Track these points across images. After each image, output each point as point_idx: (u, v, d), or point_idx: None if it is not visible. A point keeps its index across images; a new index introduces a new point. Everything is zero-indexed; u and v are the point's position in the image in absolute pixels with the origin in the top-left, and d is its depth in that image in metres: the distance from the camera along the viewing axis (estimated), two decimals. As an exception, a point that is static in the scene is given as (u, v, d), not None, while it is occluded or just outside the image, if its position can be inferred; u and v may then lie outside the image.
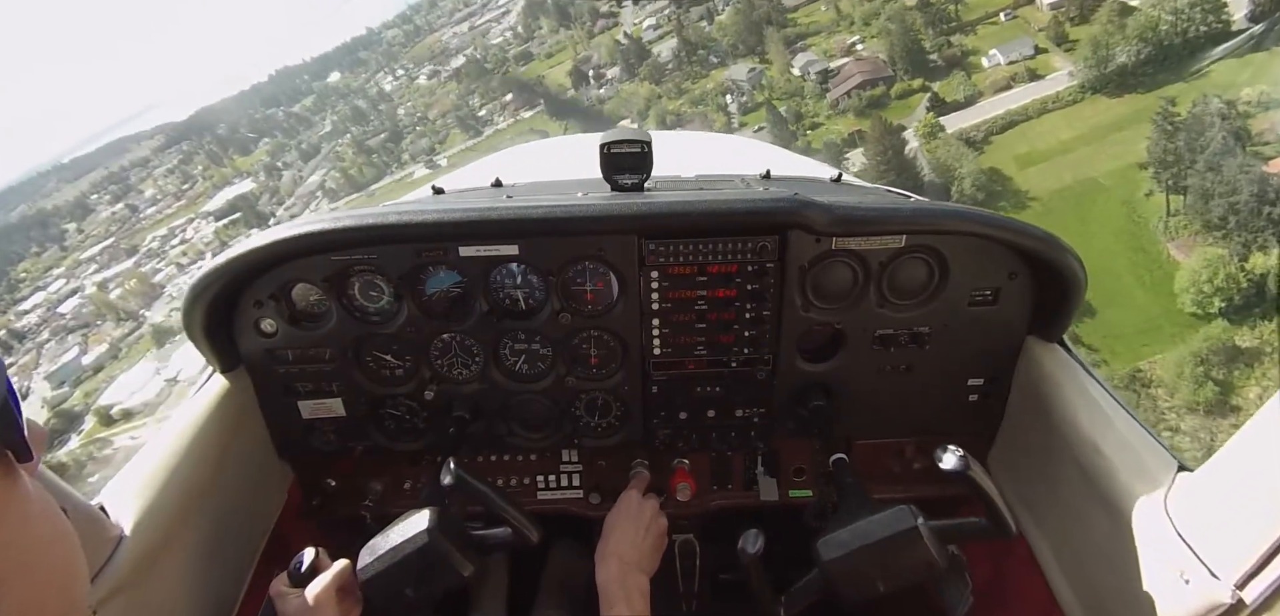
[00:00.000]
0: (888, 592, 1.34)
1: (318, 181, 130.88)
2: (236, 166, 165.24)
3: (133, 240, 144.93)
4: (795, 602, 1.41)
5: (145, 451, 1.57)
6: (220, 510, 1.68)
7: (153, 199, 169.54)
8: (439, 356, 1.84)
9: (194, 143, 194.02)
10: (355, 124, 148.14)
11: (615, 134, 1.71)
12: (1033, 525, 1.75)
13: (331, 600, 1.43)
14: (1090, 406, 1.53)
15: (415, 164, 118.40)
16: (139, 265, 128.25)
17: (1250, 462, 1.08)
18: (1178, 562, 1.18)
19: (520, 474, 2.10)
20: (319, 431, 1.92)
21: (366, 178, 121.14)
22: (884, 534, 1.33)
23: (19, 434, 0.72)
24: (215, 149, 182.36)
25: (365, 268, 1.68)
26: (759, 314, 1.73)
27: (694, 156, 3.44)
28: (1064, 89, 56.73)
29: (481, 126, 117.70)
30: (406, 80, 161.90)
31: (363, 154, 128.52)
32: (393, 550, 1.42)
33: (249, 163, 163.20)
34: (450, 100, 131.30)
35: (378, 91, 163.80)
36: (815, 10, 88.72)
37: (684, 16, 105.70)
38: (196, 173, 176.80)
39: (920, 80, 65.81)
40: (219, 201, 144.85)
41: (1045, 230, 1.59)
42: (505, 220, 1.59)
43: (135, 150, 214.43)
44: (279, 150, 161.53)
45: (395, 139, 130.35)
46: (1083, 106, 55.02)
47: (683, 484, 1.99)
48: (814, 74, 72.71)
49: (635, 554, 1.74)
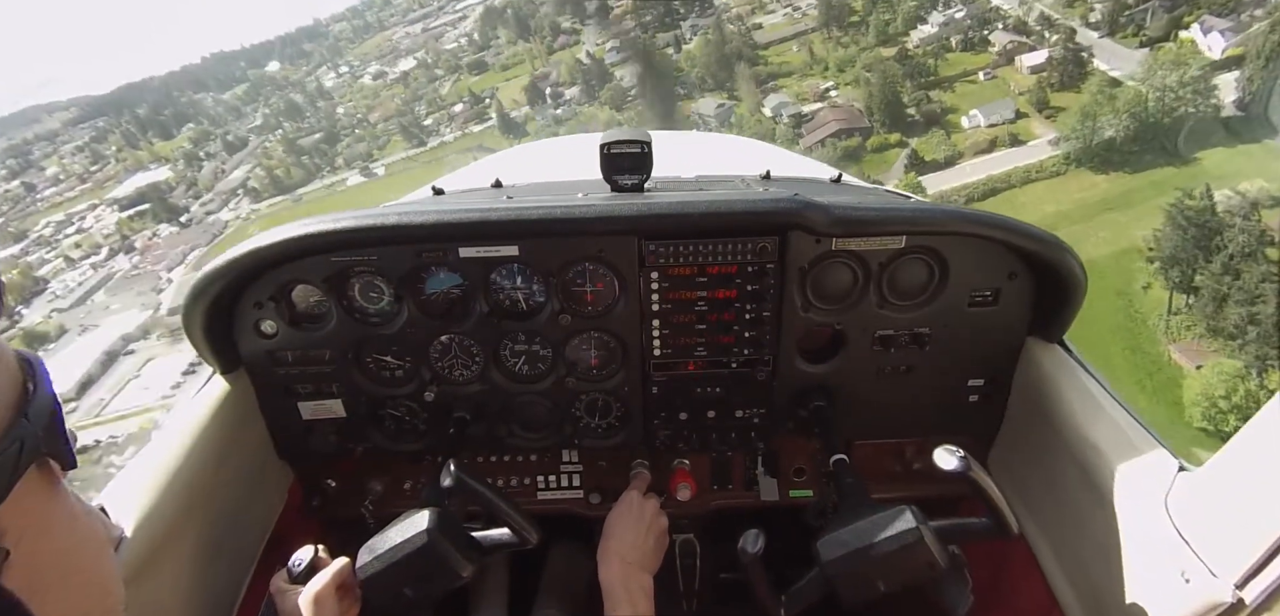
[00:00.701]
0: (888, 592, 1.35)
1: (241, 177, 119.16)
2: (154, 152, 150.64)
3: (22, 224, 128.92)
4: (795, 602, 1.42)
5: (145, 452, 1.59)
6: (220, 511, 1.69)
7: (54, 178, 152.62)
8: (439, 357, 1.83)
9: (111, 120, 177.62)
10: (289, 119, 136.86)
11: (615, 134, 1.71)
12: (1033, 525, 1.76)
13: (331, 598, 1.44)
14: (1090, 406, 1.55)
15: (350, 170, 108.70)
16: (25, 253, 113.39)
17: (1250, 462, 1.09)
18: (1178, 562, 1.18)
19: (520, 474, 2.09)
20: (319, 432, 1.92)
21: (294, 180, 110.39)
22: (885, 534, 1.33)
23: (65, 442, 0.73)
24: (133, 130, 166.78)
25: (365, 269, 1.68)
26: (759, 314, 1.73)
27: (694, 157, 3.43)
28: (1047, 158, 54.03)
29: (426, 136, 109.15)
30: (350, 78, 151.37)
31: (293, 154, 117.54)
32: (392, 549, 1.44)
33: (169, 148, 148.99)
34: (395, 105, 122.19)
35: (318, 87, 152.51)
36: (787, 50, 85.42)
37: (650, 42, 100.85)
38: (109, 154, 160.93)
39: (897, 135, 62.65)
40: (128, 188, 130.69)
41: (1045, 230, 1.61)
42: (505, 221, 1.60)
43: (46, 122, 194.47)
44: (203, 139, 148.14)
45: (330, 141, 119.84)
46: (1067, 179, 52.18)
47: (683, 484, 2.00)
48: (786, 117, 68.99)
49: (637, 553, 1.74)
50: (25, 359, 0.70)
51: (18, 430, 0.64)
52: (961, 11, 75.16)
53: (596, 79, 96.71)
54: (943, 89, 67.09)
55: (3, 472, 0.62)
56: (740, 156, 3.97)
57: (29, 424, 0.66)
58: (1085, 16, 67.23)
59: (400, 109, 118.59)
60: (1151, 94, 49.70)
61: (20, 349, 0.70)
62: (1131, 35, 63.23)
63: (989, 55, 69.13)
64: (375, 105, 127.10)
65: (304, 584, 1.45)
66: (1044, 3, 71.75)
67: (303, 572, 1.47)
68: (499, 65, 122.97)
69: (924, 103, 64.16)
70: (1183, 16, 60.56)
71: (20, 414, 0.66)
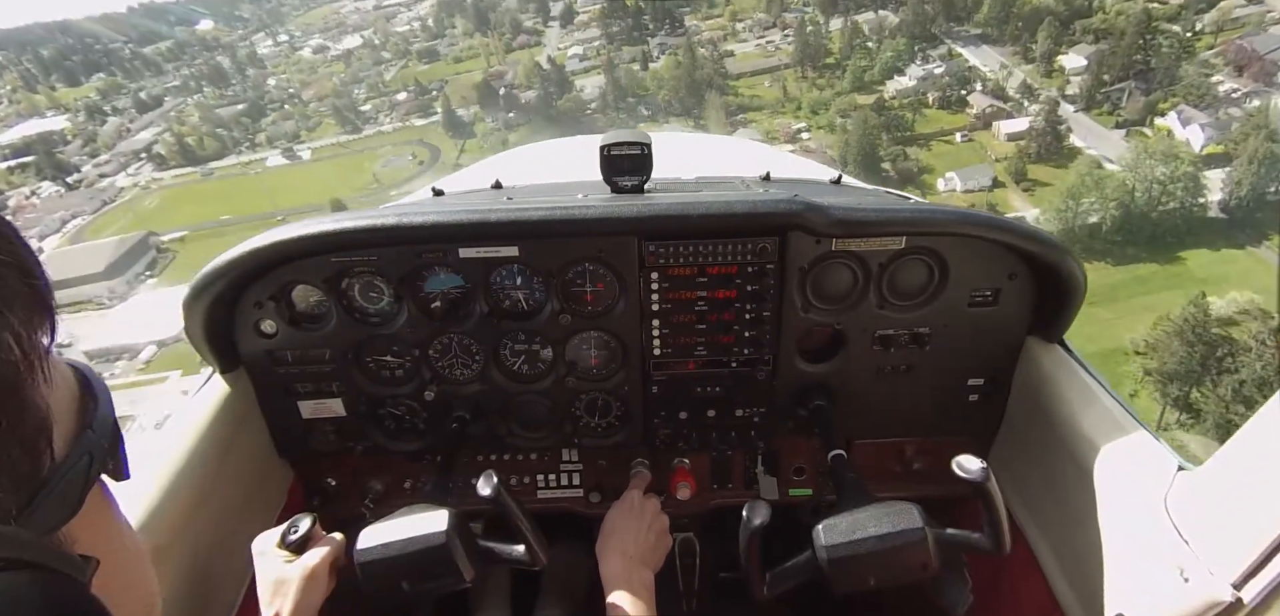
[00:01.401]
0: (877, 587, 1.35)
1: (147, 139, 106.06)
2: (53, 99, 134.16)
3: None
4: (781, 582, 1.43)
5: (145, 452, 1.60)
6: (220, 510, 1.70)
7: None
8: (439, 357, 1.84)
9: (10, 55, 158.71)
10: (212, 84, 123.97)
11: (615, 136, 1.73)
12: (1033, 524, 1.76)
13: (324, 576, 1.44)
14: (1090, 406, 1.56)
15: (272, 148, 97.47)
16: None
17: (1249, 461, 1.10)
18: (1177, 561, 1.20)
19: (520, 473, 2.10)
20: (319, 431, 1.93)
21: (207, 152, 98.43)
22: (888, 529, 1.34)
23: (123, 453, 0.72)
24: (33, 71, 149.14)
25: (365, 269, 1.69)
26: (759, 315, 1.75)
27: (694, 158, 3.44)
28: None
29: (361, 123, 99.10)
30: (288, 48, 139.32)
31: (210, 122, 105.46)
32: (404, 542, 1.42)
33: (71, 96, 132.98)
34: (331, 84, 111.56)
35: (250, 53, 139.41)
36: (759, 83, 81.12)
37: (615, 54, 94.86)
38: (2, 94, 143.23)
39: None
40: (14, 136, 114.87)
41: (1044, 231, 1.63)
42: (505, 222, 1.61)
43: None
44: (113, 92, 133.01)
45: (255, 114, 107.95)
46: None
47: (683, 483, 2.01)
48: (755, 154, 63.48)
49: (638, 549, 1.74)
50: (80, 371, 0.69)
51: (85, 441, 0.64)
52: (940, 68, 72.50)
53: (555, 86, 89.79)
54: (920, 146, 63.81)
55: (75, 485, 0.61)
56: (740, 157, 3.87)
57: (94, 435, 0.65)
58: (1062, 88, 65.40)
59: (337, 89, 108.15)
60: (1139, 185, 46.92)
61: (72, 360, 0.69)
62: (1107, 113, 61.57)
63: (966, 117, 66.46)
64: (311, 81, 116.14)
65: (297, 552, 1.44)
66: (1023, 70, 69.85)
67: (297, 541, 1.45)
68: (452, 56, 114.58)
69: (901, 159, 60.57)
70: (1158, 102, 59.13)
71: (86, 426, 0.65)
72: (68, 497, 0.60)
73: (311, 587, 1.40)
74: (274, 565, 1.42)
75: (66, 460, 0.61)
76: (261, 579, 1.43)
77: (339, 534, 1.52)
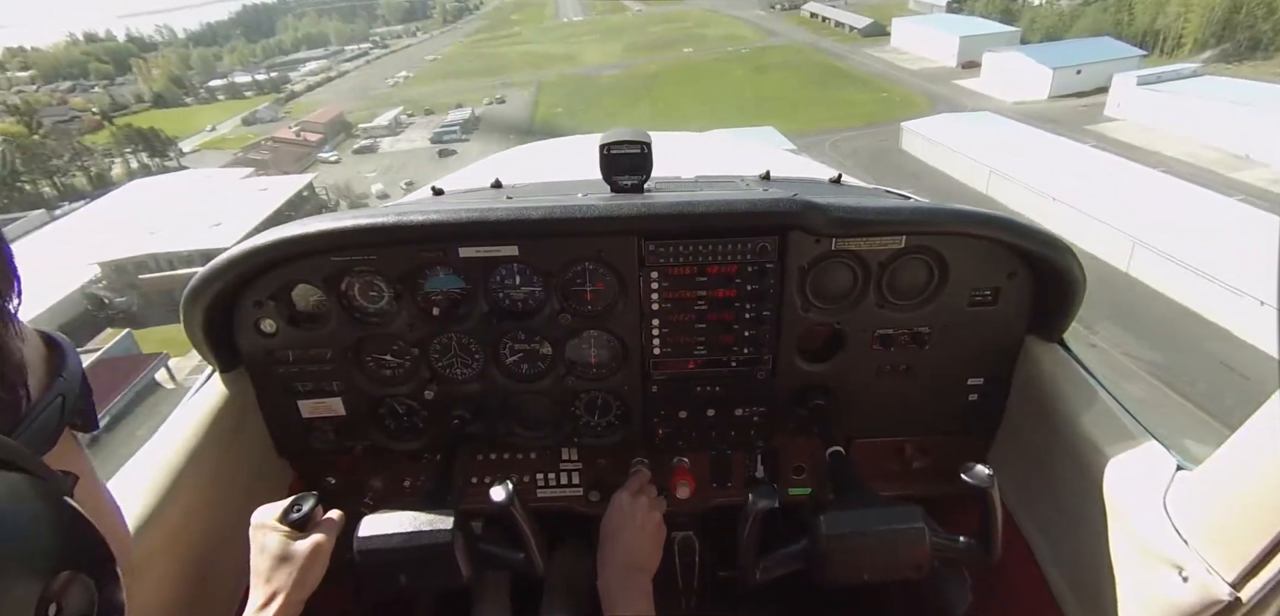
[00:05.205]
0: (869, 583, 1.38)
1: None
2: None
3: None
4: (773, 567, 1.45)
5: (144, 451, 1.59)
6: (220, 509, 1.70)
7: None
8: (439, 356, 1.83)
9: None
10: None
11: (615, 134, 1.71)
12: (1032, 523, 1.76)
13: (327, 556, 1.44)
14: (1090, 405, 1.57)
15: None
16: None
17: (1249, 461, 1.11)
18: (1176, 560, 1.21)
19: (520, 472, 2.08)
20: (319, 430, 1.92)
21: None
22: (890, 526, 1.38)
23: (91, 405, 0.78)
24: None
25: (365, 268, 1.68)
26: (759, 314, 1.74)
27: (694, 157, 3.45)
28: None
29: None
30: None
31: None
32: (409, 535, 1.44)
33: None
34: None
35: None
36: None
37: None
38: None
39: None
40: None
41: (1044, 230, 1.63)
42: (505, 221, 1.60)
43: None
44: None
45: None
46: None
47: (682, 482, 1.99)
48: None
49: (632, 555, 1.73)
50: (46, 334, 0.76)
51: (56, 386, 0.72)
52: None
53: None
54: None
55: (50, 421, 0.69)
56: (740, 156, 3.80)
57: (64, 381, 0.73)
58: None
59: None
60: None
61: (42, 329, 0.77)
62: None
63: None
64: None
65: (298, 530, 1.45)
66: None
67: (300, 519, 1.46)
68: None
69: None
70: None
71: (56, 375, 0.73)
72: (45, 431, 0.69)
73: (314, 567, 1.41)
74: (275, 540, 1.41)
75: (41, 400, 0.69)
76: (262, 553, 1.41)
77: (337, 511, 1.53)
